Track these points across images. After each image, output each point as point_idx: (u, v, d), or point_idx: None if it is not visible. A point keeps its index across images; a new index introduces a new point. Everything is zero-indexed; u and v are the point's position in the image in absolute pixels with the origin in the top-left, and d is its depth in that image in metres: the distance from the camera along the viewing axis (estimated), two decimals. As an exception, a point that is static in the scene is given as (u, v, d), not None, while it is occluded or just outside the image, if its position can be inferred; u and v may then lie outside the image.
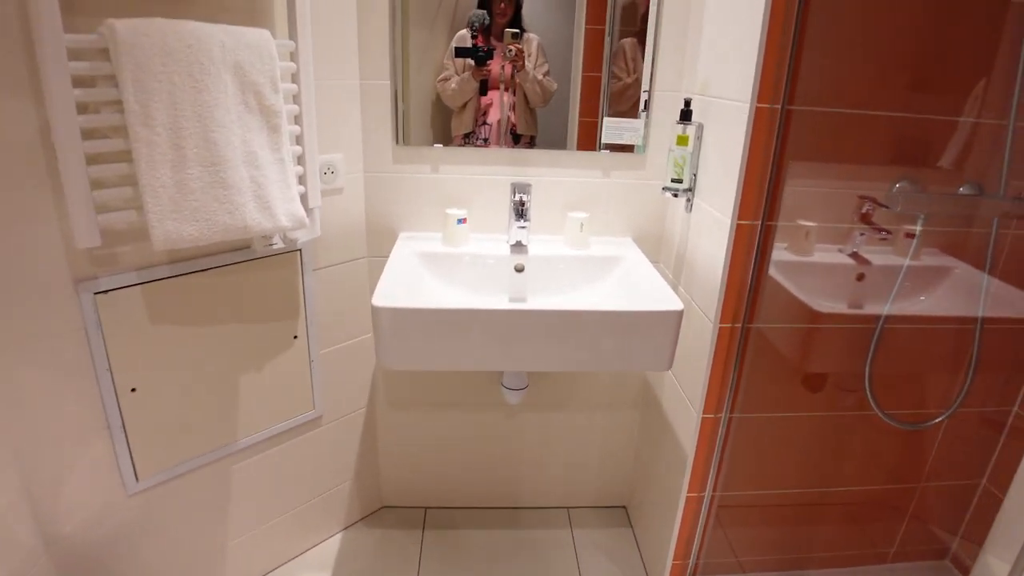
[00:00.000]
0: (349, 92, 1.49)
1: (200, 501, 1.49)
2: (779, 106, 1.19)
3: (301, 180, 1.33)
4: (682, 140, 1.43)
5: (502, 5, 1.47)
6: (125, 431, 1.30)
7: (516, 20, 1.49)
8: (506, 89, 1.53)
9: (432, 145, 1.56)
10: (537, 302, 1.51)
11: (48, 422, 1.20)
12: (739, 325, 1.36)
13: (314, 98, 1.33)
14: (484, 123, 1.56)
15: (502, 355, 1.28)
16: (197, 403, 1.40)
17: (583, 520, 2.01)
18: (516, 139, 1.58)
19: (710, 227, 1.38)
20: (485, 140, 1.57)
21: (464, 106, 1.54)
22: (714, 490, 1.53)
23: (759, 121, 1.20)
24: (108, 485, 1.32)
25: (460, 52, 1.50)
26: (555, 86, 1.53)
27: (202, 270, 1.32)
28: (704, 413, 1.43)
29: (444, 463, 1.96)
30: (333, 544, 1.86)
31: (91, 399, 1.24)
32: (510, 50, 1.49)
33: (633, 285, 1.45)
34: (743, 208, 1.26)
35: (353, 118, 1.52)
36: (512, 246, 1.55)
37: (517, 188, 1.51)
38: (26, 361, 1.15)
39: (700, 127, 1.42)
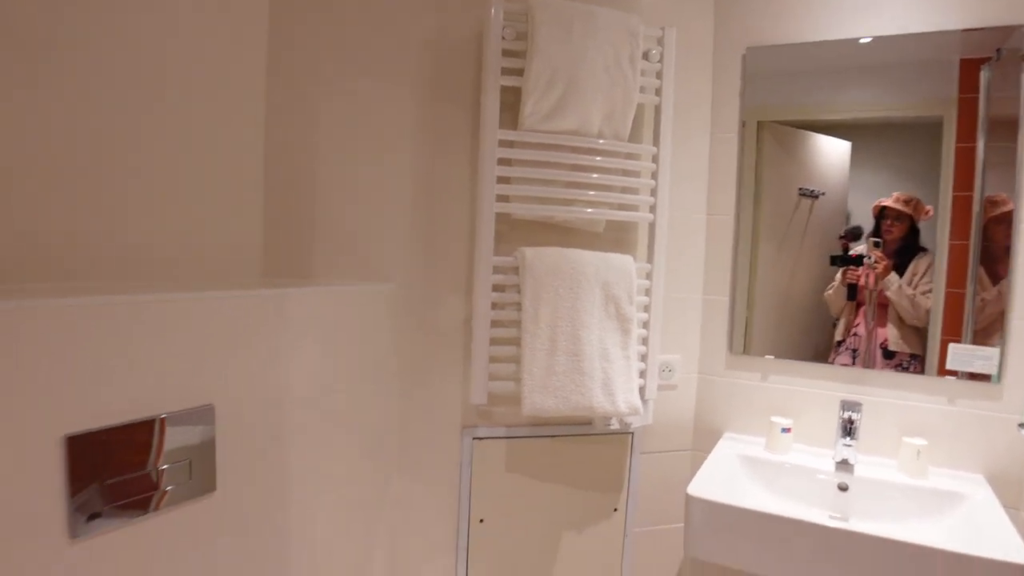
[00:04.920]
0: (692, 305, 1.75)
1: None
2: None
3: (643, 375, 1.57)
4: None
5: (888, 222, 1.55)
6: (468, 554, 1.59)
7: (913, 240, 1.53)
8: (873, 301, 1.58)
9: (764, 356, 1.69)
10: (860, 526, 1.45)
11: (417, 528, 1.56)
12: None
13: (661, 309, 1.59)
14: (854, 334, 1.61)
15: (815, 573, 1.27)
16: (525, 545, 1.64)
17: None
18: (888, 355, 1.57)
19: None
20: (854, 351, 1.60)
21: (840, 314, 1.63)
22: None
23: None
24: (444, 596, 1.61)
25: (833, 260, 1.61)
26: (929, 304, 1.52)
27: (551, 436, 1.62)
28: None
29: None
30: None
31: (449, 521, 1.58)
32: (869, 257, 1.57)
33: (976, 527, 1.31)
34: None
35: (694, 326, 1.75)
36: (837, 463, 1.54)
37: (846, 405, 1.52)
38: (419, 479, 1.54)
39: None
